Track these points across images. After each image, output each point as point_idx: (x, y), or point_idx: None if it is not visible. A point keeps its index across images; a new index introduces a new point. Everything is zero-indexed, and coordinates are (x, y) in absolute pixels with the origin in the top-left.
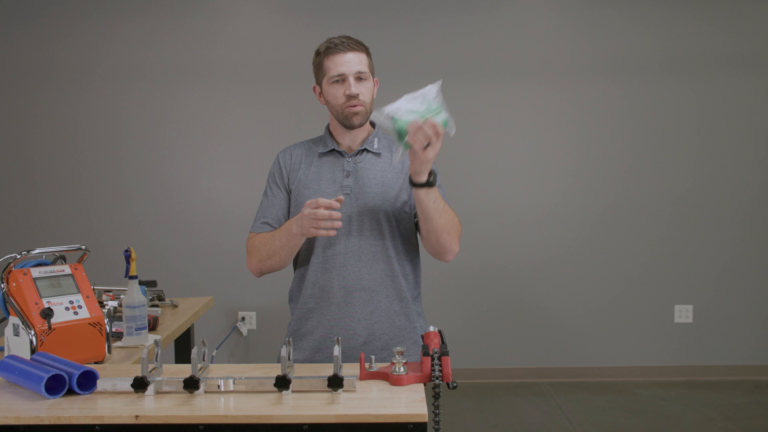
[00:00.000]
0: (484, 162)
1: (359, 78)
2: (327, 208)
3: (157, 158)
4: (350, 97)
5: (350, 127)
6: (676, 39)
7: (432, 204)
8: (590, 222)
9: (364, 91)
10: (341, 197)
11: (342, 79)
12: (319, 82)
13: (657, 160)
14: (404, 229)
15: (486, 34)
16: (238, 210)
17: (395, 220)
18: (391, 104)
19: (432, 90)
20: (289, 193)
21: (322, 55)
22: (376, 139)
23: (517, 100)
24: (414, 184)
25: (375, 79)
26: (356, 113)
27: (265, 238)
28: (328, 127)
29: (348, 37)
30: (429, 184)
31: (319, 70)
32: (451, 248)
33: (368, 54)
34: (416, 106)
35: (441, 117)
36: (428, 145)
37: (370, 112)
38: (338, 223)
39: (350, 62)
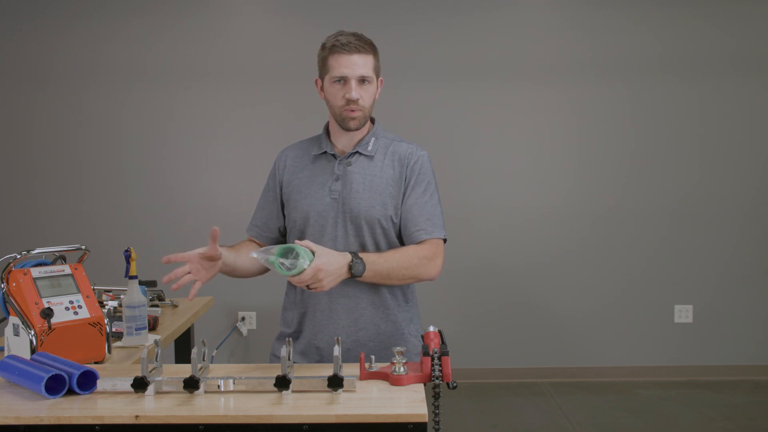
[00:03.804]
0: (484, 162)
1: (362, 81)
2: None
3: (157, 158)
4: (349, 101)
5: (346, 129)
6: (676, 39)
7: (375, 278)
8: (590, 222)
9: (365, 95)
10: (215, 228)
11: (344, 81)
12: (321, 77)
13: (657, 160)
14: (389, 237)
15: (486, 34)
16: (238, 210)
17: (380, 227)
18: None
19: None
20: (280, 196)
21: (327, 50)
22: (372, 139)
23: (517, 100)
24: None
25: (380, 78)
26: (353, 118)
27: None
28: (326, 126)
29: (357, 37)
30: (354, 276)
31: (322, 65)
32: (422, 280)
33: (375, 54)
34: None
35: (295, 270)
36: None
37: (369, 117)
38: (184, 279)
39: (355, 65)
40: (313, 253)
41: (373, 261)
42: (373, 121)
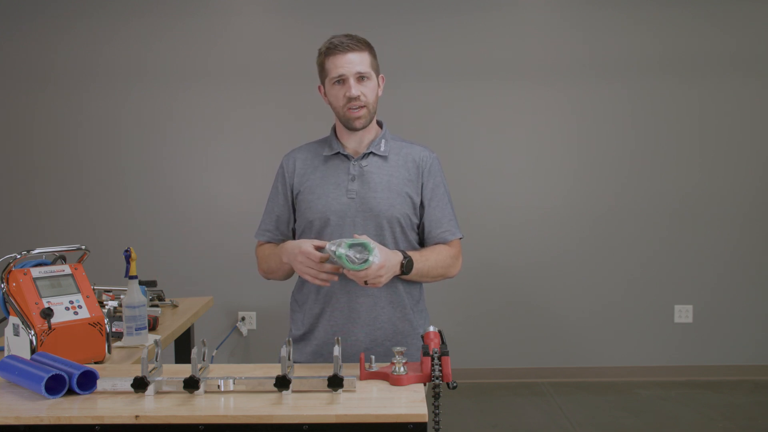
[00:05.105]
0: (484, 162)
1: (360, 78)
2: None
3: (157, 158)
4: (350, 99)
5: (353, 129)
6: (676, 39)
7: (414, 276)
8: (590, 222)
9: (366, 91)
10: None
11: (342, 80)
12: (322, 82)
13: (657, 160)
14: (408, 236)
15: (486, 34)
16: (238, 210)
17: (399, 226)
18: (338, 248)
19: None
20: (291, 199)
21: (323, 55)
22: (383, 141)
23: (517, 100)
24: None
25: (381, 75)
26: (358, 117)
27: (266, 253)
28: (334, 128)
29: (350, 36)
30: (404, 273)
31: (321, 70)
32: (448, 278)
33: (371, 52)
34: (353, 255)
35: (365, 264)
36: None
37: (374, 113)
38: (335, 277)
39: (351, 63)
40: None
41: (417, 259)
42: (381, 124)
